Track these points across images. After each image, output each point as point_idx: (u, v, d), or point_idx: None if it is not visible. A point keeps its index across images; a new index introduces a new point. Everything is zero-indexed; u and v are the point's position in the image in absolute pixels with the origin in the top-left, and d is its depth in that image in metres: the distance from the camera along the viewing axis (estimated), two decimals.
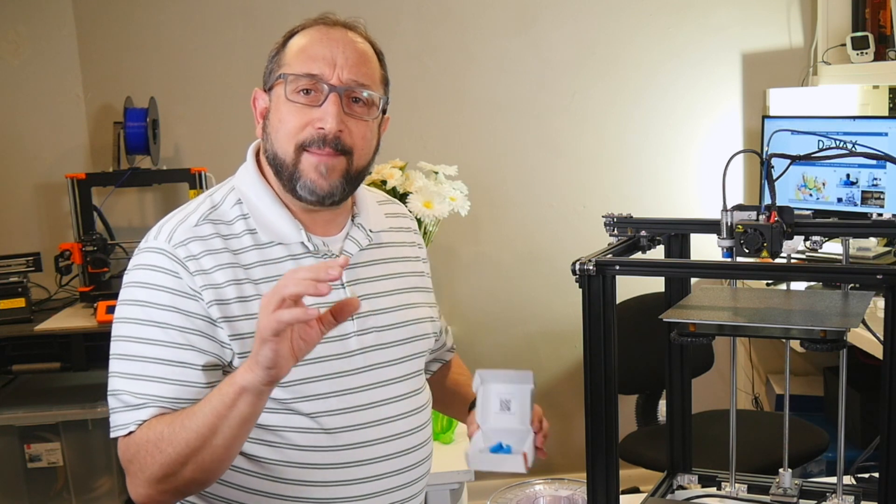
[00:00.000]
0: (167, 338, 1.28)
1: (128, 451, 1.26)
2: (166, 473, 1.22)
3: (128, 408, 1.27)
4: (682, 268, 1.36)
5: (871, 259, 2.80)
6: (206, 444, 1.20)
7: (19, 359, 2.73)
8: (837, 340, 1.17)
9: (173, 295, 1.29)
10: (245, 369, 1.17)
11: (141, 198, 3.25)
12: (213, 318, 1.29)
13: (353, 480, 1.35)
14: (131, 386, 1.28)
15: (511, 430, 1.25)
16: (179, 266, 1.29)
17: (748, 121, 3.33)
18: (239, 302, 1.30)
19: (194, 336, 1.28)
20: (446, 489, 1.92)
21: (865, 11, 3.12)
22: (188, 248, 1.31)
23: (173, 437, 1.21)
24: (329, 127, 1.31)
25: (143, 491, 1.25)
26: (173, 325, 1.28)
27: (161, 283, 1.29)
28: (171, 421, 1.23)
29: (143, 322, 1.29)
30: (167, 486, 1.24)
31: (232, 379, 1.19)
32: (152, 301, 1.29)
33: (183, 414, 1.23)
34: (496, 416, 1.26)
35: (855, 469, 1.49)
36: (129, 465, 1.26)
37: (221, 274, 1.30)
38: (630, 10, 3.26)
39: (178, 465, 1.21)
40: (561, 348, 3.37)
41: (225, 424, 1.19)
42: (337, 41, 1.34)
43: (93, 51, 3.17)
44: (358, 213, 1.46)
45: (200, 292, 1.29)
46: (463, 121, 3.28)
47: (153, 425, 1.24)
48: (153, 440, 1.23)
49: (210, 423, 1.19)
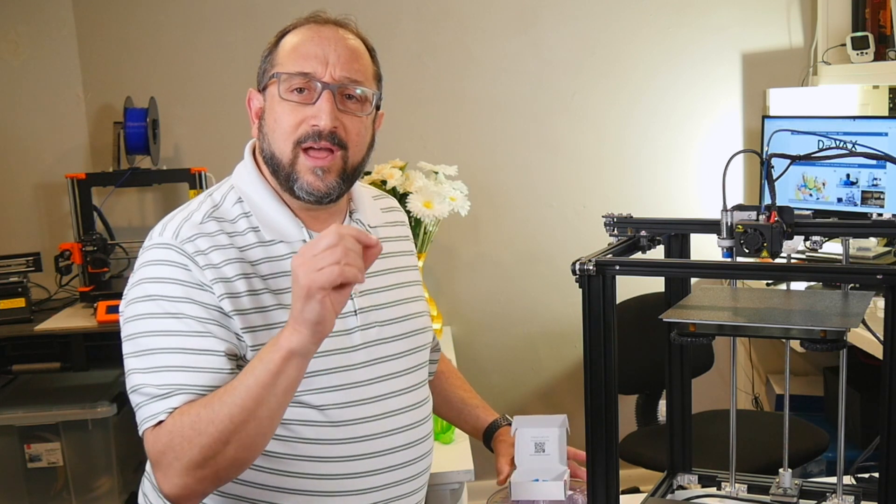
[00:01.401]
0: (185, 327, 1.27)
1: (158, 441, 1.22)
2: (206, 456, 1.19)
3: (154, 398, 1.24)
4: (682, 268, 1.36)
5: (871, 259, 2.80)
6: (251, 416, 1.19)
7: (19, 359, 2.74)
8: (837, 340, 1.17)
9: (186, 286, 1.29)
10: (290, 332, 1.17)
11: (141, 198, 3.25)
12: (226, 311, 1.29)
13: (359, 473, 1.36)
14: (154, 378, 1.25)
15: (546, 469, 1.39)
16: (188, 260, 1.29)
17: (748, 121, 3.33)
18: (249, 295, 1.31)
19: (212, 325, 1.28)
20: (446, 489, 1.92)
21: (865, 11, 3.12)
22: (196, 243, 1.31)
23: (213, 416, 1.19)
24: (323, 124, 1.32)
25: (179, 481, 1.21)
26: (189, 314, 1.27)
27: (172, 276, 1.29)
28: (208, 402, 1.21)
29: (158, 315, 1.28)
30: (206, 472, 1.21)
31: (275, 345, 1.18)
32: (165, 294, 1.28)
33: (219, 392, 1.21)
34: (530, 457, 1.41)
35: (855, 469, 1.49)
36: (160, 457, 1.22)
37: (230, 268, 1.31)
38: (630, 10, 3.26)
39: (221, 443, 1.19)
40: (561, 348, 3.37)
41: (271, 393, 1.19)
42: (328, 39, 1.35)
43: (93, 51, 3.17)
44: (355, 209, 1.48)
45: (211, 286, 1.29)
46: (463, 121, 3.28)
47: (186, 411, 1.22)
48: (189, 424, 1.20)
49: (255, 394, 1.18)
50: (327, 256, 1.14)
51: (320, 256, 1.15)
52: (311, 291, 1.14)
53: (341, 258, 1.14)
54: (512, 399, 3.36)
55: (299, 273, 1.15)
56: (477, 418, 1.65)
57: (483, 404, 1.68)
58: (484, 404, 1.68)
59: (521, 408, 3.34)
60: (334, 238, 1.15)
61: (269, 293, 1.32)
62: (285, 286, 1.34)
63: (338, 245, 1.15)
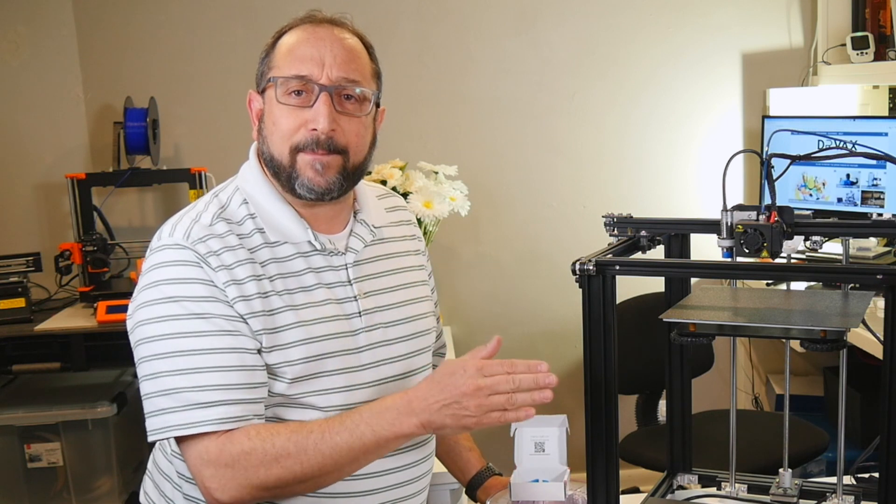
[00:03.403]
0: (214, 327, 1.26)
1: (227, 454, 1.23)
2: (279, 485, 1.23)
3: (203, 405, 1.23)
4: (682, 268, 1.36)
5: (871, 259, 2.80)
6: (338, 471, 1.24)
7: (19, 359, 2.73)
8: (837, 340, 1.17)
9: (207, 285, 1.28)
10: (414, 420, 1.22)
11: (141, 198, 3.25)
12: (241, 314, 1.28)
13: (360, 475, 1.36)
14: (190, 381, 1.24)
15: (546, 469, 1.38)
16: (201, 261, 1.28)
17: (748, 121, 3.33)
18: (260, 298, 1.30)
19: (238, 323, 1.28)
20: (446, 489, 1.92)
21: (865, 11, 3.12)
22: (207, 244, 1.30)
23: (303, 458, 1.22)
24: (321, 127, 1.31)
25: (237, 493, 1.23)
26: (216, 313, 1.27)
27: (191, 276, 1.28)
28: (299, 441, 1.23)
29: (183, 317, 1.26)
30: (267, 495, 1.25)
31: (391, 421, 1.22)
32: (187, 294, 1.27)
33: (312, 435, 1.24)
34: (530, 457, 1.40)
35: (855, 469, 1.49)
36: (225, 468, 1.23)
37: (242, 270, 1.30)
38: (630, 10, 3.26)
39: (298, 482, 1.23)
40: (561, 348, 3.37)
41: (366, 459, 1.24)
42: (324, 39, 1.34)
43: (93, 51, 3.17)
44: (360, 209, 1.47)
45: (224, 288, 1.28)
46: (463, 121, 3.28)
47: (266, 437, 1.23)
48: (273, 454, 1.22)
49: (353, 456, 1.23)
50: (500, 396, 1.20)
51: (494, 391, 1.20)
52: (470, 424, 1.20)
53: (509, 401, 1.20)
54: None
55: (460, 382, 1.20)
56: (466, 462, 1.64)
57: (474, 447, 1.66)
58: (474, 447, 1.66)
59: None
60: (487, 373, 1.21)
61: (276, 295, 1.32)
62: (293, 287, 1.34)
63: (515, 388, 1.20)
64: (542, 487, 1.35)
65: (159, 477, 1.46)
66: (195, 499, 1.39)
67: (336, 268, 1.39)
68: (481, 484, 1.60)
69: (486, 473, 1.61)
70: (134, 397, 2.86)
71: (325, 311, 1.35)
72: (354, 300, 1.39)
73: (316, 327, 1.33)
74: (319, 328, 1.33)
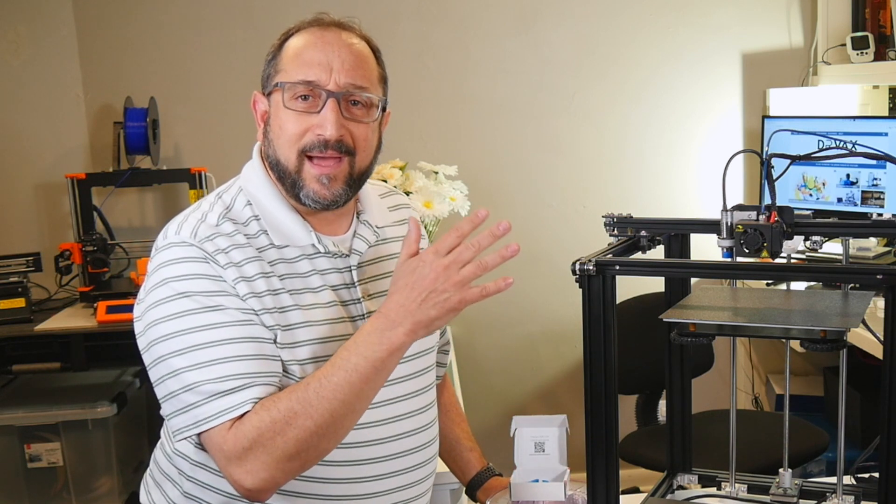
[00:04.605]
0: (229, 318, 1.25)
1: (242, 437, 1.21)
2: (300, 449, 1.20)
3: (221, 394, 1.22)
4: (682, 268, 1.36)
5: (871, 259, 2.80)
6: (350, 410, 1.22)
7: (19, 359, 2.74)
8: (837, 340, 1.17)
9: (216, 281, 1.27)
10: (398, 329, 1.21)
11: (141, 198, 3.25)
12: (254, 309, 1.28)
13: (362, 478, 1.36)
14: (210, 373, 1.23)
15: (546, 469, 1.39)
16: (210, 258, 1.28)
17: (748, 121, 3.33)
18: (270, 295, 1.30)
19: (252, 314, 1.27)
20: (446, 489, 1.92)
21: (865, 11, 3.12)
22: (215, 242, 1.29)
23: (311, 410, 1.20)
24: (329, 133, 1.31)
25: (267, 474, 1.21)
26: (229, 306, 1.26)
27: (201, 272, 1.27)
28: (301, 397, 1.21)
29: (196, 311, 1.25)
30: (296, 464, 1.22)
31: (378, 340, 1.21)
32: (198, 289, 1.26)
33: (311, 384, 1.22)
34: (530, 457, 1.42)
35: (855, 469, 1.48)
36: (245, 452, 1.20)
37: (251, 267, 1.30)
38: (630, 10, 3.26)
39: (317, 437, 1.21)
40: (561, 348, 3.37)
41: (371, 388, 1.22)
42: (332, 44, 1.33)
43: (93, 51, 3.17)
44: (363, 210, 1.46)
45: (234, 285, 1.27)
46: (463, 121, 3.28)
47: (270, 405, 1.21)
48: (281, 419, 1.20)
49: (357, 389, 1.21)
50: (470, 265, 1.23)
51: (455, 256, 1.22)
52: (453, 305, 1.21)
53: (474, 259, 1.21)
54: (512, 399, 3.36)
55: (426, 272, 1.20)
56: (467, 462, 1.63)
57: (475, 447, 1.66)
58: (476, 447, 1.66)
59: (521, 408, 3.33)
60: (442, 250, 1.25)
61: (287, 293, 1.32)
62: (300, 287, 1.33)
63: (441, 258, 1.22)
64: (542, 487, 1.35)
65: (160, 476, 1.46)
66: (196, 498, 1.38)
67: (340, 270, 1.39)
68: (481, 484, 1.59)
69: (486, 474, 1.61)
70: (134, 397, 2.86)
71: (332, 312, 1.35)
72: (359, 302, 1.39)
73: (323, 328, 1.33)
74: (327, 329, 1.33)
